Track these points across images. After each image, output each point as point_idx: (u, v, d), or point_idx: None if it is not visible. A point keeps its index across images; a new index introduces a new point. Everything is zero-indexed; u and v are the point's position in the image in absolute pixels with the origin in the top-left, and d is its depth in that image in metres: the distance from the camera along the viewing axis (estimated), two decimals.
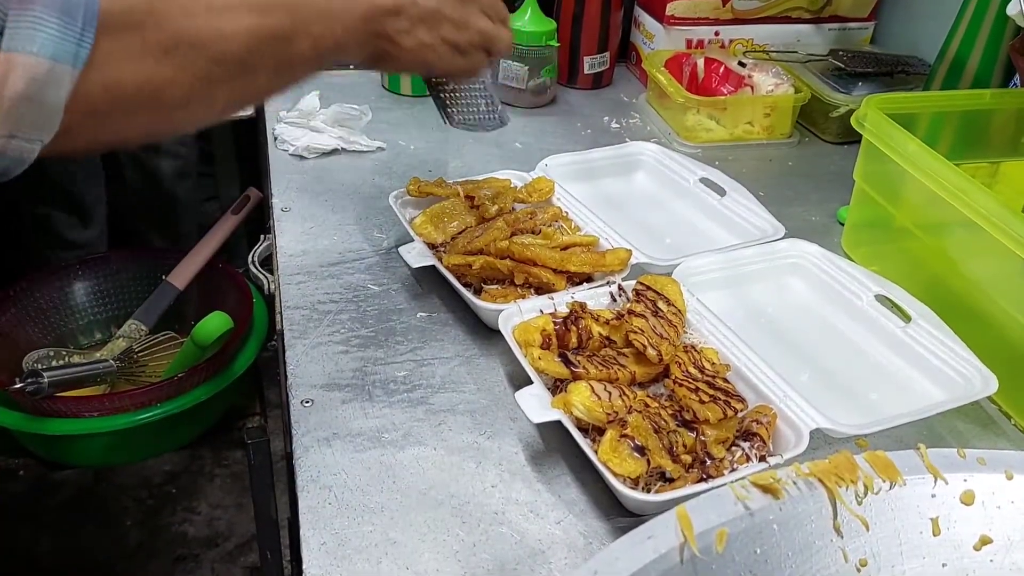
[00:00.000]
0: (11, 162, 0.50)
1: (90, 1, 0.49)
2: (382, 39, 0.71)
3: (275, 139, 1.16)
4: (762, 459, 0.68)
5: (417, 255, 0.87)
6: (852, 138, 1.16)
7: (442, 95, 0.89)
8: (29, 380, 1.61)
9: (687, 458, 0.67)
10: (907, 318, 0.84)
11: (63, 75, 0.48)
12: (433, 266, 0.86)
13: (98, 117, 0.53)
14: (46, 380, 1.61)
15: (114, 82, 0.52)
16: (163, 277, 1.94)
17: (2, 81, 0.46)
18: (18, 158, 0.50)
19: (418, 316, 0.87)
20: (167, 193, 2.24)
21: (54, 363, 1.85)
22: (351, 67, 0.76)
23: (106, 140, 0.58)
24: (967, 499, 0.54)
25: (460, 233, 0.91)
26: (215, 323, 1.75)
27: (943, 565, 0.53)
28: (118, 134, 0.58)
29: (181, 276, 1.92)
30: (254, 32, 0.60)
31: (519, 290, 0.85)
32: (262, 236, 1.21)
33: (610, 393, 0.70)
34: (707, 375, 0.74)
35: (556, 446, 0.73)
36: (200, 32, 0.56)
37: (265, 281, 1.13)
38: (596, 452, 0.66)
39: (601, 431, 0.68)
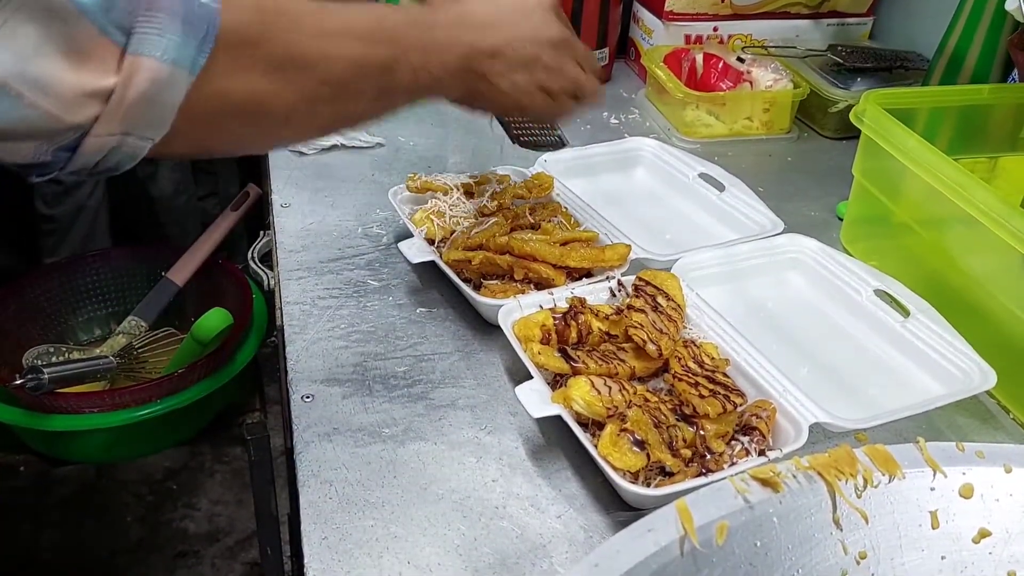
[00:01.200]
0: (123, 157, 0.52)
1: (212, 14, 0.51)
2: (479, 79, 0.72)
3: None
4: (761, 453, 0.68)
5: (417, 251, 0.87)
6: (851, 133, 1.16)
7: (508, 119, 0.92)
8: (29, 376, 1.61)
9: (687, 452, 0.67)
10: (906, 313, 0.84)
11: (181, 80, 0.51)
12: (433, 262, 0.87)
13: (205, 123, 0.55)
14: (46, 376, 1.61)
15: (224, 91, 0.54)
16: (163, 273, 1.94)
17: (127, 81, 0.49)
18: (130, 154, 0.52)
19: (418, 311, 0.87)
20: (163, 192, 2.24)
21: (54, 359, 1.85)
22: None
23: (209, 145, 0.61)
24: (966, 492, 0.54)
25: (460, 229, 0.91)
26: (215, 319, 1.76)
27: (942, 558, 0.53)
28: (221, 141, 0.61)
29: (181, 272, 1.92)
30: (359, 59, 0.62)
31: (519, 285, 0.85)
32: (261, 232, 1.21)
33: (610, 388, 0.70)
34: (707, 370, 0.74)
35: (556, 441, 0.73)
36: (308, 53, 0.58)
37: (265, 277, 1.13)
38: (596, 446, 0.66)
39: (601, 426, 0.68)
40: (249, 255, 1.18)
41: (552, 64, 0.76)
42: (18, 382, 1.61)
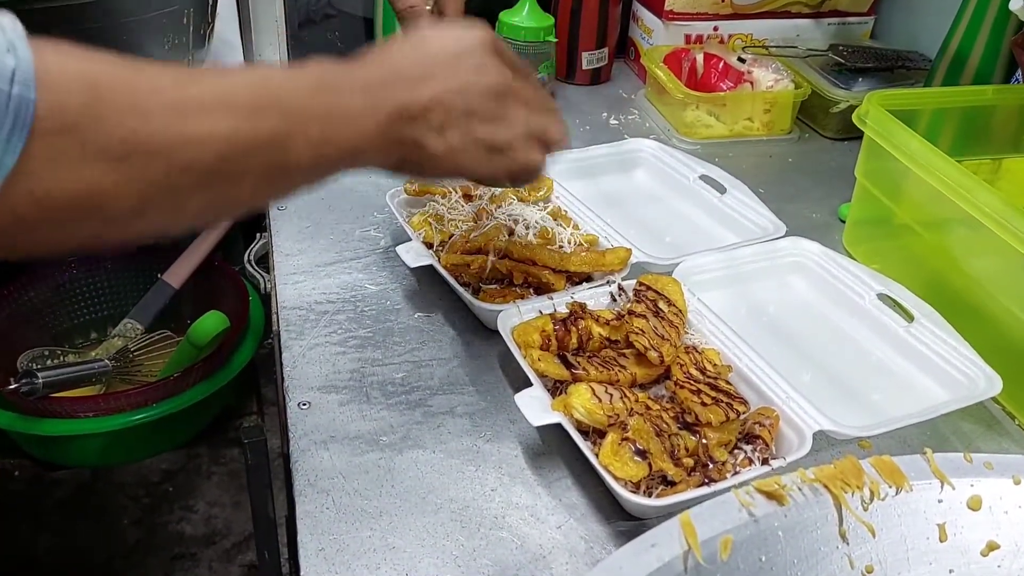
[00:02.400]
0: None
1: (22, 103, 0.43)
2: (407, 146, 0.61)
3: None
4: (765, 462, 0.67)
5: (415, 254, 0.86)
6: (852, 134, 1.15)
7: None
8: (24, 380, 1.60)
9: (689, 461, 0.67)
10: (910, 317, 0.84)
11: None
12: (431, 265, 0.86)
13: (26, 228, 0.47)
14: (41, 380, 1.60)
15: (44, 192, 0.46)
16: (159, 276, 1.92)
17: None
18: None
19: (416, 316, 0.86)
20: None
21: (49, 363, 1.84)
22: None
23: (40, 250, 0.51)
24: (974, 504, 0.53)
25: (458, 232, 0.90)
26: (211, 322, 1.75)
27: (950, 571, 0.53)
28: (55, 244, 0.51)
29: (177, 275, 1.91)
30: (233, 137, 0.51)
31: (518, 290, 0.84)
32: (258, 235, 1.21)
33: (611, 395, 0.69)
34: (709, 377, 0.73)
35: (556, 449, 0.72)
36: (158, 137, 0.49)
37: (261, 280, 1.13)
38: (597, 455, 0.65)
39: (602, 433, 0.67)
40: (246, 258, 1.17)
41: (491, 115, 0.64)
42: (12, 386, 1.59)
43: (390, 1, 0.89)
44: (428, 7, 0.89)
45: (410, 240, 0.89)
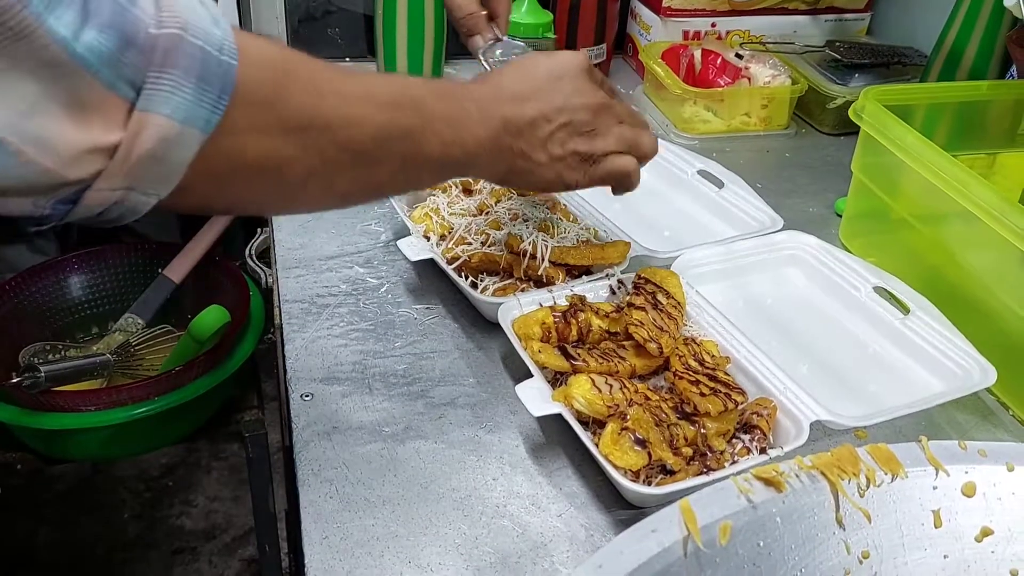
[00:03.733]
0: (125, 211, 0.50)
1: (230, 71, 0.49)
2: (515, 156, 0.69)
3: None
4: (762, 451, 0.68)
5: (416, 248, 0.87)
6: (849, 129, 1.16)
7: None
8: (26, 375, 1.60)
9: (688, 451, 0.67)
10: (905, 310, 0.84)
11: (191, 138, 0.48)
12: (432, 259, 0.86)
13: (217, 181, 0.53)
14: (43, 374, 1.60)
15: (238, 151, 0.52)
16: (159, 271, 1.93)
17: (133, 138, 0.46)
18: (132, 208, 0.50)
19: (417, 309, 0.87)
20: None
21: (50, 357, 1.84)
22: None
23: (220, 204, 0.58)
24: (968, 491, 0.54)
25: (458, 226, 0.91)
26: (213, 317, 1.75)
27: (945, 556, 0.53)
28: (233, 201, 0.58)
29: (178, 270, 1.92)
30: (381, 124, 0.59)
31: (518, 283, 0.85)
32: (259, 229, 1.21)
33: (611, 386, 0.70)
34: (707, 368, 0.74)
35: (557, 439, 0.73)
36: (328, 115, 0.56)
37: (262, 274, 1.13)
38: (597, 445, 0.66)
39: (601, 424, 0.68)
40: (247, 252, 1.18)
41: (589, 128, 0.72)
42: (15, 380, 1.60)
43: (449, 12, 0.99)
44: (484, 12, 0.98)
45: (411, 234, 0.89)
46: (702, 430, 0.68)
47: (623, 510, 0.67)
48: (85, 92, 0.45)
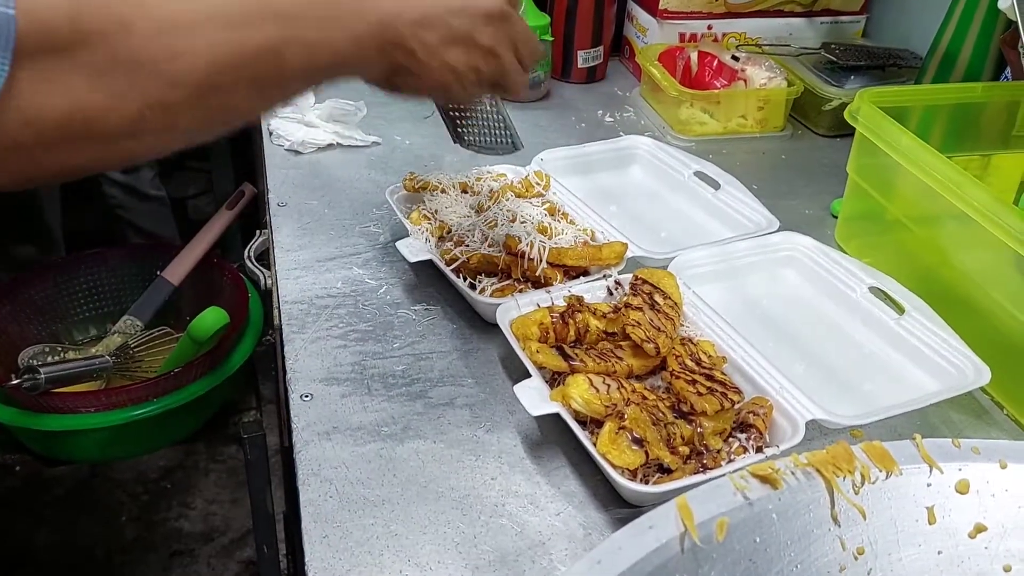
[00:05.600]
0: None
1: (4, 24, 0.42)
2: (402, 52, 0.62)
3: (270, 134, 1.17)
4: (759, 450, 0.69)
5: (414, 250, 0.88)
6: (844, 131, 1.16)
7: (452, 113, 0.85)
8: (26, 376, 1.61)
9: (685, 449, 0.68)
10: (900, 310, 0.85)
11: None
12: (430, 260, 0.87)
13: (21, 151, 0.47)
14: (43, 376, 1.61)
15: (35, 113, 0.45)
16: (158, 272, 1.94)
17: None
18: None
19: (415, 310, 0.88)
20: (152, 197, 2.24)
21: (49, 359, 1.85)
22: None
23: (38, 174, 0.51)
24: (962, 488, 0.54)
25: (457, 227, 0.92)
26: (211, 318, 1.75)
27: (938, 552, 0.54)
28: (51, 167, 0.50)
29: (176, 271, 1.92)
30: (226, 50, 0.52)
31: (516, 284, 0.86)
32: (258, 231, 1.21)
33: (608, 386, 0.70)
34: (704, 367, 0.74)
35: (554, 438, 0.74)
36: (148, 53, 0.48)
37: (261, 276, 1.14)
38: (595, 444, 0.66)
39: (599, 423, 0.69)
40: (246, 254, 1.18)
41: (489, 44, 0.66)
42: (14, 382, 1.60)
43: None
44: None
45: (409, 235, 0.90)
46: (699, 429, 0.69)
47: (620, 509, 0.68)
48: None
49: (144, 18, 0.48)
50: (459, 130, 0.86)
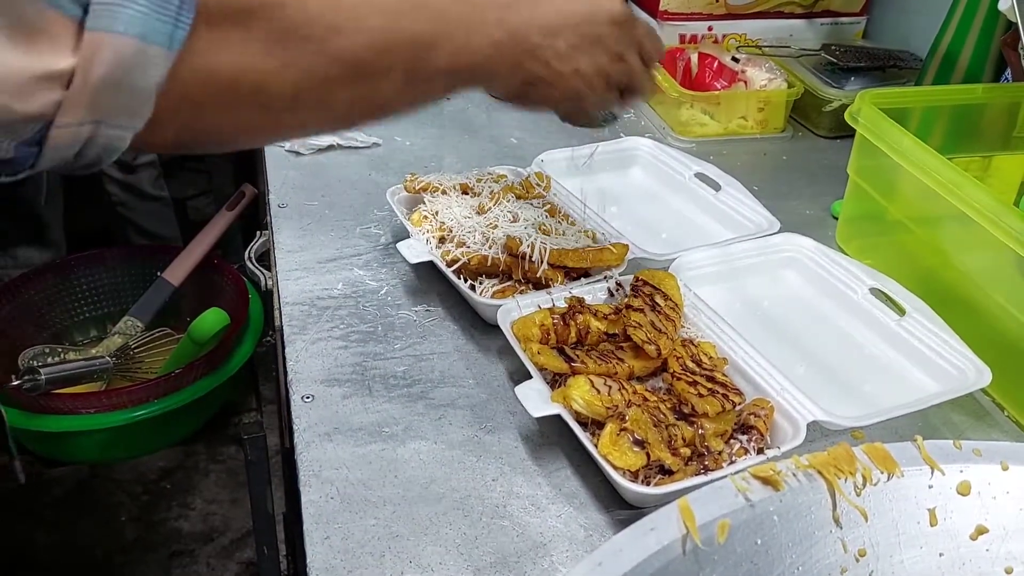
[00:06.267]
0: (101, 150, 0.46)
1: None
2: (536, 62, 0.62)
3: None
4: (760, 452, 0.69)
5: (415, 251, 0.88)
6: (845, 132, 1.16)
7: (565, 111, 0.80)
8: (26, 377, 1.61)
9: (686, 451, 0.68)
10: (901, 311, 0.85)
11: (155, 57, 0.44)
12: (431, 261, 0.87)
13: (193, 107, 0.49)
14: (43, 377, 1.61)
15: (212, 69, 0.47)
16: (158, 274, 1.94)
17: (87, 62, 0.42)
18: (108, 146, 0.46)
19: (416, 311, 0.88)
20: (153, 197, 2.24)
21: (50, 360, 1.85)
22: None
23: (203, 135, 0.53)
24: (963, 490, 0.54)
25: (458, 229, 0.92)
26: (212, 319, 1.76)
27: (940, 555, 0.54)
28: (217, 129, 0.53)
29: (176, 272, 1.92)
30: (382, 33, 0.54)
31: (517, 285, 0.86)
32: (258, 232, 1.22)
33: (609, 387, 0.70)
34: (705, 369, 0.74)
35: (555, 440, 0.74)
36: (317, 24, 0.51)
37: (262, 277, 1.14)
38: (596, 445, 0.66)
39: (600, 424, 0.69)
40: (246, 255, 1.18)
41: (616, 48, 0.66)
42: (15, 383, 1.61)
43: None
44: None
45: (410, 237, 0.90)
46: (700, 431, 0.69)
47: (622, 510, 0.68)
48: (27, 12, 0.41)
49: None
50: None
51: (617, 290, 0.84)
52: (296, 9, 0.50)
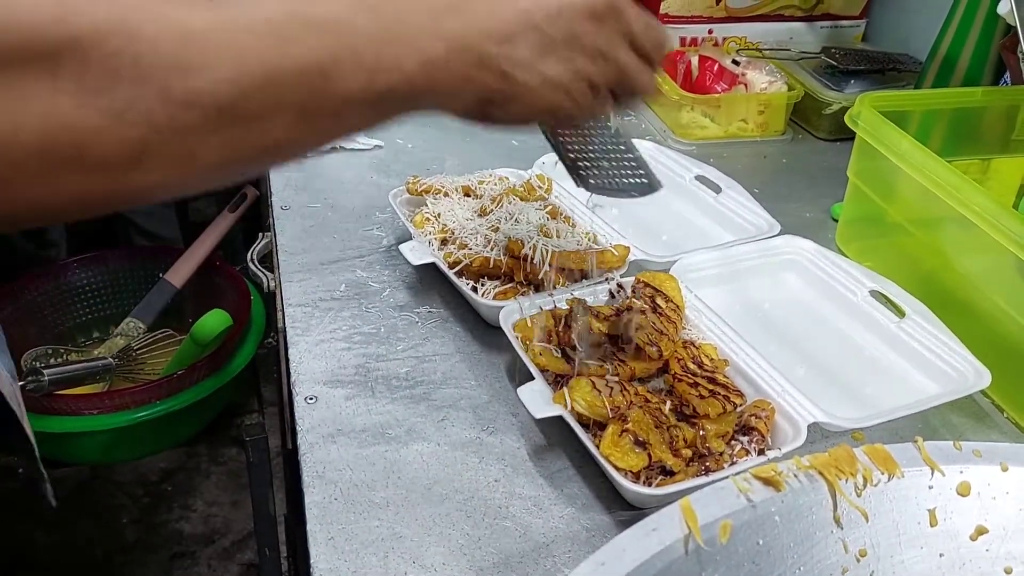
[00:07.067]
0: None
1: None
2: (492, 75, 0.51)
3: None
4: (761, 453, 0.69)
5: (417, 253, 0.88)
6: (845, 135, 1.17)
7: (567, 147, 0.69)
8: (30, 378, 1.61)
9: (687, 452, 0.68)
10: (901, 313, 0.85)
11: None
12: (433, 263, 0.87)
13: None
14: (47, 378, 1.61)
15: (10, 132, 0.37)
16: (161, 275, 1.94)
17: None
18: None
19: (419, 313, 0.88)
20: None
21: (52, 361, 1.85)
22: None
23: (24, 212, 0.42)
24: (963, 490, 0.55)
25: (460, 230, 0.92)
26: (215, 320, 1.76)
27: (940, 555, 0.54)
28: (37, 204, 0.41)
29: (179, 274, 1.93)
30: (256, 66, 0.42)
31: (519, 287, 0.86)
32: (260, 234, 1.22)
33: (611, 388, 0.71)
34: (706, 370, 0.75)
35: (557, 441, 0.74)
36: (151, 63, 0.39)
37: (264, 279, 1.14)
38: (598, 447, 0.67)
39: (602, 426, 0.69)
40: (248, 256, 1.19)
41: (596, 44, 0.54)
42: (19, 383, 1.61)
43: None
44: None
45: (412, 239, 0.90)
46: (701, 432, 0.69)
47: (623, 511, 0.68)
48: None
49: (151, 22, 0.40)
50: (580, 170, 0.69)
51: (618, 292, 0.85)
52: (126, 43, 0.39)
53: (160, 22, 0.40)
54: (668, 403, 0.72)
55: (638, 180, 0.72)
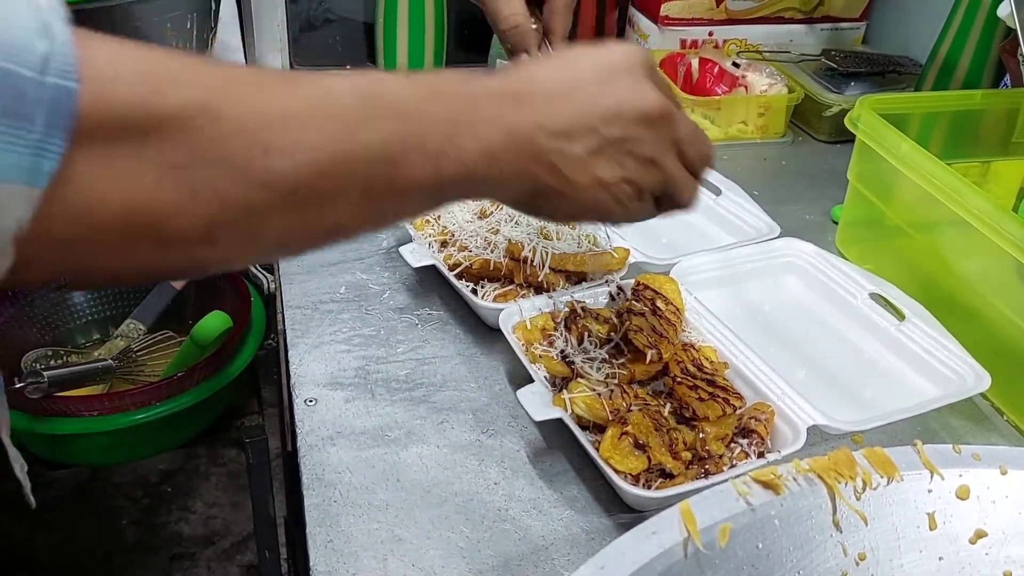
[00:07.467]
0: None
1: (60, 96, 0.35)
2: (544, 168, 0.51)
3: None
4: (760, 455, 0.69)
5: (417, 255, 0.88)
6: (845, 137, 1.17)
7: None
8: (30, 380, 1.61)
9: (687, 455, 0.68)
10: (901, 316, 0.85)
11: (10, 198, 0.35)
12: (433, 265, 0.87)
13: (70, 248, 0.39)
14: (46, 380, 1.61)
15: (88, 205, 0.38)
16: None
17: None
18: None
19: (419, 315, 0.88)
20: None
21: (52, 363, 1.85)
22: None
23: (93, 276, 0.44)
24: (963, 494, 0.55)
25: (460, 232, 0.92)
26: (215, 322, 1.76)
27: (939, 559, 0.54)
28: (106, 271, 0.42)
29: None
30: (330, 150, 0.43)
31: (518, 289, 0.86)
32: None
33: (611, 391, 0.71)
34: (706, 373, 0.75)
35: (557, 444, 0.74)
36: (231, 146, 0.40)
37: (264, 280, 1.14)
38: (597, 449, 0.67)
39: (601, 428, 0.69)
40: None
41: (646, 151, 0.54)
42: (19, 385, 1.61)
43: (492, 24, 0.82)
44: (534, 26, 0.82)
45: (412, 240, 0.90)
46: (701, 434, 0.69)
47: (623, 514, 0.68)
48: None
49: (233, 105, 0.41)
50: None
51: (618, 294, 0.85)
52: (208, 124, 0.40)
53: (242, 105, 0.41)
54: (668, 406, 0.72)
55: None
